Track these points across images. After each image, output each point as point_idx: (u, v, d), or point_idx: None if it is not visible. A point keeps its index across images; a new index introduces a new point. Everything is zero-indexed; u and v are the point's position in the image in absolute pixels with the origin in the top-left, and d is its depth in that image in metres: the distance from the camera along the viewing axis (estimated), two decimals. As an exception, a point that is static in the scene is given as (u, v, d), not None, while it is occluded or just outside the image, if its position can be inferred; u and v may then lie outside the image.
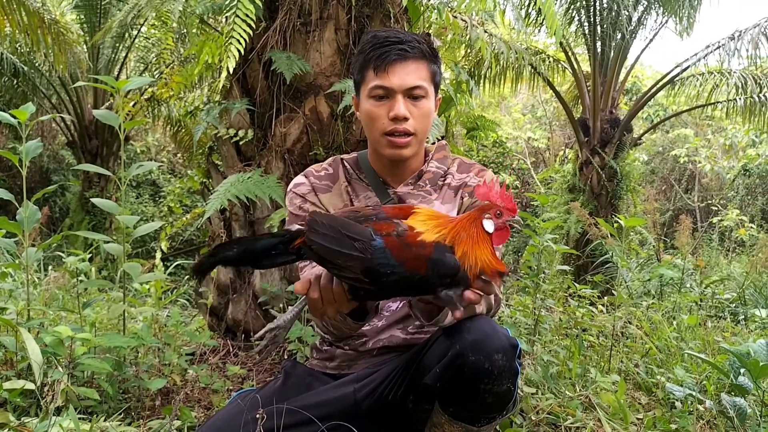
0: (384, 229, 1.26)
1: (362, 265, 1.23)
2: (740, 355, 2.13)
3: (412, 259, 1.23)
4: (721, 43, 7.78)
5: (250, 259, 1.33)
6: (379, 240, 1.24)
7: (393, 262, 1.23)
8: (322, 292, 1.35)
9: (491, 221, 1.26)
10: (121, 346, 2.21)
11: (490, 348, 1.40)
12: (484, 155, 13.21)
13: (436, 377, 1.45)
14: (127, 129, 2.41)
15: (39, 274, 4.65)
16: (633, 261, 5.38)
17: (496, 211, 1.27)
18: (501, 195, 1.27)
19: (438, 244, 1.25)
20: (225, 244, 1.33)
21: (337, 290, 1.33)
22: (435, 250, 1.24)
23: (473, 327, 1.43)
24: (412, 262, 1.23)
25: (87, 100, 9.44)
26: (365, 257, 1.22)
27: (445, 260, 1.24)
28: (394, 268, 1.23)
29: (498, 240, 1.28)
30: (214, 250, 1.33)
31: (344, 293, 1.33)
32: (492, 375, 1.40)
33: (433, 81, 1.67)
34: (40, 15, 6.96)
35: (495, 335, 1.42)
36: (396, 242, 1.24)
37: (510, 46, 6.47)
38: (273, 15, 3.20)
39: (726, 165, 13.80)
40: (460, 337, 1.42)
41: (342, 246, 1.23)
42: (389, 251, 1.23)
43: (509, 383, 1.44)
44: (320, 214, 1.29)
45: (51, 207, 10.64)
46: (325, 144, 3.12)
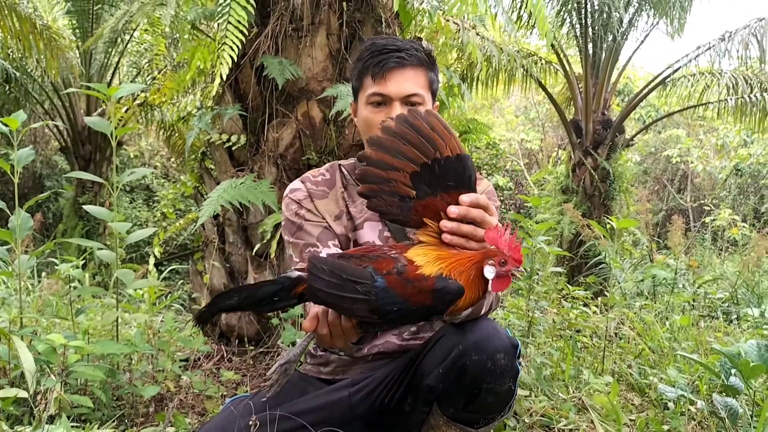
0: (384, 267, 1.27)
1: (368, 306, 1.24)
2: (731, 356, 2.15)
3: (415, 294, 1.25)
4: (711, 44, 7.83)
5: (251, 306, 1.36)
6: (381, 280, 1.24)
7: (398, 300, 1.24)
8: (331, 328, 1.36)
9: (493, 268, 1.26)
10: (114, 353, 2.21)
11: (492, 348, 1.42)
12: (478, 157, 13.24)
13: (438, 378, 1.46)
14: (119, 135, 2.41)
15: (32, 281, 4.64)
16: (626, 261, 5.40)
17: (501, 259, 1.27)
18: (509, 243, 1.27)
19: (438, 276, 1.26)
20: (225, 294, 1.34)
21: (345, 325, 1.35)
22: (437, 281, 1.26)
23: (475, 328, 1.46)
24: (416, 297, 1.25)
25: (80, 105, 9.42)
26: (370, 299, 1.23)
27: (448, 288, 1.26)
28: (400, 305, 1.24)
29: (497, 287, 1.28)
30: (214, 300, 1.34)
31: (353, 327, 1.35)
32: (494, 374, 1.42)
33: (430, 88, 1.68)
34: (32, 20, 6.95)
35: (497, 335, 1.45)
36: (398, 280, 1.25)
37: (502, 48, 6.50)
38: (265, 20, 3.21)
39: (718, 165, 13.86)
40: (463, 338, 1.44)
41: (345, 291, 1.24)
42: (392, 290, 1.24)
43: (510, 383, 1.47)
44: (319, 259, 1.28)
45: (44, 213, 10.60)
46: (318, 149, 3.12)
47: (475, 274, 1.28)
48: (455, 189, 1.31)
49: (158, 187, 12.44)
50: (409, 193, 1.31)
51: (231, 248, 3.29)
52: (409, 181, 1.30)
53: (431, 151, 1.29)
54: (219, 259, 3.28)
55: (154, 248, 3.79)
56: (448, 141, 1.30)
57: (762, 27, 7.32)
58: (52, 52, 7.17)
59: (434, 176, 1.30)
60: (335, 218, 1.71)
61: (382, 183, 1.31)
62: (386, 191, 1.31)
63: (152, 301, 3.15)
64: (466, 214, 1.30)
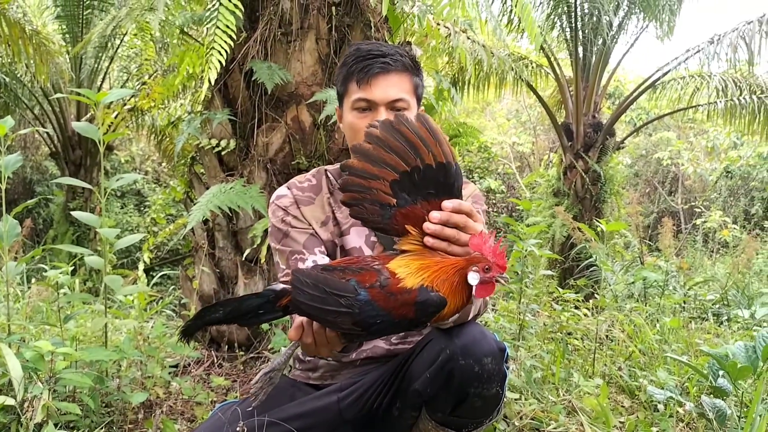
0: (367, 280, 1.27)
1: (352, 319, 1.24)
2: (719, 358, 2.16)
3: (398, 306, 1.25)
4: (700, 46, 7.87)
5: (236, 319, 1.34)
6: (364, 293, 1.24)
7: (381, 313, 1.24)
8: (316, 337, 1.36)
9: (477, 274, 1.26)
10: (102, 359, 2.19)
11: (480, 352, 1.43)
12: (470, 160, 13.26)
13: (426, 382, 1.46)
14: (107, 141, 2.40)
15: (22, 287, 4.61)
16: (617, 264, 5.42)
17: (485, 265, 1.27)
18: (493, 249, 1.27)
19: (421, 288, 1.26)
20: (211, 307, 1.33)
21: (330, 335, 1.35)
22: (419, 293, 1.26)
23: (463, 332, 1.46)
24: (399, 310, 1.25)
25: (70, 110, 9.38)
26: (353, 312, 1.23)
27: (431, 301, 1.26)
28: (383, 318, 1.24)
29: (481, 293, 1.28)
30: (200, 313, 1.33)
31: (337, 337, 1.34)
32: (482, 378, 1.42)
33: (415, 93, 1.69)
34: (21, 25, 6.91)
35: (484, 339, 1.45)
36: (381, 293, 1.25)
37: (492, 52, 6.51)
38: (254, 25, 3.21)
39: (708, 167, 13.94)
40: (450, 342, 1.44)
41: (329, 304, 1.24)
42: (375, 303, 1.24)
43: (498, 387, 1.47)
44: (302, 273, 1.28)
45: (34, 218, 10.54)
46: (308, 153, 3.12)
47: (459, 281, 1.27)
48: (436, 197, 1.31)
49: (149, 192, 12.40)
50: (389, 201, 1.31)
51: (221, 253, 3.28)
52: (389, 189, 1.30)
53: (412, 159, 1.29)
54: (209, 265, 3.27)
55: (144, 254, 3.77)
56: (433, 147, 1.29)
57: (750, 30, 7.37)
58: (42, 57, 7.13)
59: (414, 184, 1.30)
60: (321, 224, 1.71)
61: (363, 192, 1.31)
62: (368, 200, 1.31)
63: (142, 307, 3.13)
64: (448, 219, 1.30)
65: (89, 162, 9.45)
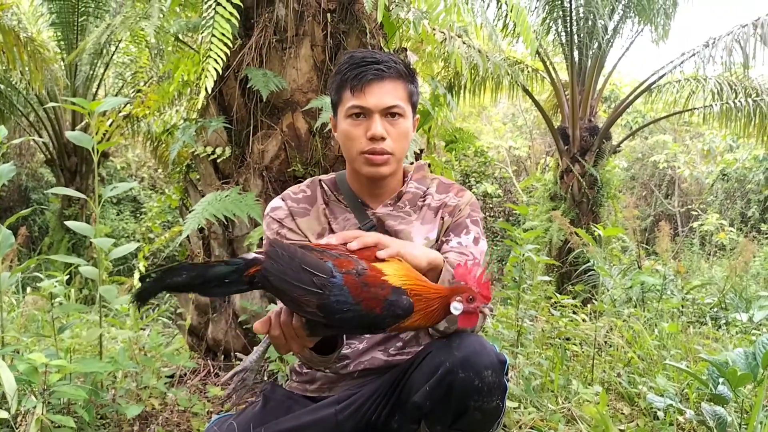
0: (344, 266, 1.25)
1: (318, 301, 1.22)
2: (719, 365, 2.14)
3: (369, 299, 1.23)
4: (696, 50, 7.90)
5: (200, 286, 1.28)
6: (339, 276, 1.23)
7: (350, 300, 1.22)
8: (283, 329, 1.33)
9: (461, 304, 1.26)
10: (97, 371, 2.17)
11: (480, 364, 1.40)
12: (466, 165, 13.27)
13: (425, 395, 1.44)
14: (102, 149, 2.39)
15: (17, 296, 4.58)
16: (615, 268, 5.41)
17: (469, 295, 1.27)
18: (478, 280, 1.27)
19: (395, 287, 1.25)
20: (173, 269, 1.27)
21: (296, 325, 1.32)
22: (392, 291, 1.25)
23: (462, 344, 1.43)
24: (369, 302, 1.23)
25: (65, 118, 9.36)
26: (322, 293, 1.21)
27: (401, 302, 1.25)
28: (350, 306, 1.22)
29: (464, 323, 1.28)
30: (161, 275, 1.27)
31: (302, 326, 1.31)
32: (482, 392, 1.40)
33: (410, 101, 1.67)
34: (16, 33, 6.90)
35: (484, 351, 1.42)
36: (355, 281, 1.23)
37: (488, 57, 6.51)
38: (249, 32, 3.19)
39: (705, 170, 13.97)
40: (450, 355, 1.42)
41: (301, 281, 1.22)
42: (347, 289, 1.22)
43: (498, 400, 1.44)
44: (279, 245, 1.26)
45: (30, 226, 10.50)
46: (304, 160, 3.11)
47: (438, 307, 1.27)
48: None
49: (145, 199, 12.38)
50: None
51: (217, 261, 3.25)
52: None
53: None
54: (205, 273, 3.25)
55: (140, 262, 3.75)
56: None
57: (745, 33, 7.40)
58: (37, 64, 7.12)
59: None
60: (317, 236, 1.69)
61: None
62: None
63: (137, 316, 3.11)
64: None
65: (85, 169, 9.43)
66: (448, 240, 1.69)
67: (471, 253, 1.67)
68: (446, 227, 1.71)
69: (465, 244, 1.68)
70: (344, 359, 1.70)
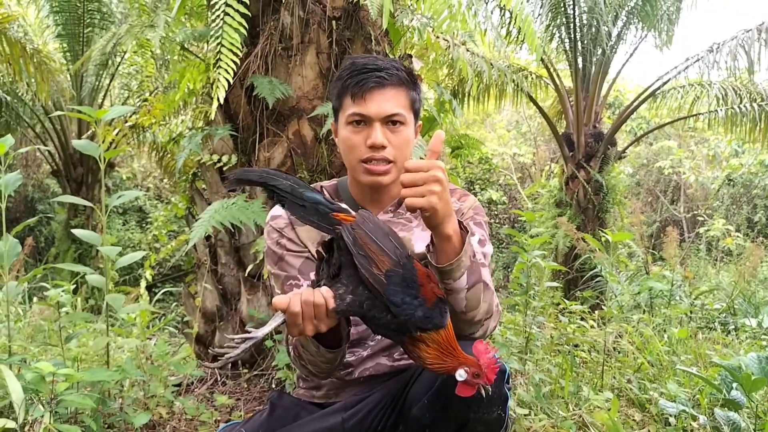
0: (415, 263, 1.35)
1: (391, 264, 1.29)
2: (732, 369, 2.12)
3: (429, 291, 1.31)
4: (700, 55, 7.88)
5: (292, 197, 1.32)
6: (410, 261, 1.33)
7: (415, 281, 1.30)
8: (304, 307, 1.31)
9: (466, 374, 1.30)
10: (104, 380, 2.16)
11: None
12: (471, 172, 13.26)
13: (424, 408, 1.42)
14: (108, 158, 2.39)
15: (24, 306, 4.58)
16: (622, 274, 5.38)
17: (476, 371, 1.30)
18: (490, 362, 1.31)
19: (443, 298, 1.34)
20: (281, 173, 1.34)
21: (318, 302, 1.31)
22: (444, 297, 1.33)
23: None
24: (426, 292, 1.30)
25: (71, 128, 9.40)
26: (398, 261, 1.30)
27: (444, 310, 1.32)
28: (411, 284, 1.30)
29: (461, 391, 1.32)
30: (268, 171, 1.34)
31: (325, 306, 1.31)
32: (481, 403, 1.37)
33: (412, 108, 1.65)
34: (22, 44, 6.94)
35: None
36: (424, 271, 1.34)
37: (492, 64, 6.52)
38: (254, 40, 3.20)
39: (710, 175, 13.92)
40: None
41: (384, 244, 1.31)
42: (417, 271, 1.31)
43: (499, 410, 1.42)
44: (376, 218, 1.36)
45: (36, 236, 10.53)
46: (310, 167, 3.10)
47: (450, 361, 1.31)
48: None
49: (151, 209, 12.40)
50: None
51: (223, 269, 3.25)
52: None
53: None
54: (211, 281, 3.24)
55: (146, 271, 3.75)
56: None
57: (749, 38, 7.38)
58: (43, 75, 7.15)
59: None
60: (317, 245, 1.68)
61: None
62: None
63: (144, 324, 3.10)
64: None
65: (91, 179, 9.45)
66: None
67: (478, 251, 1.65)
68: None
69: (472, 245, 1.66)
70: (348, 366, 1.68)
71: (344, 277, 1.32)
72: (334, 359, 1.50)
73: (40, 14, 8.64)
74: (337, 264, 1.34)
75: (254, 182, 1.35)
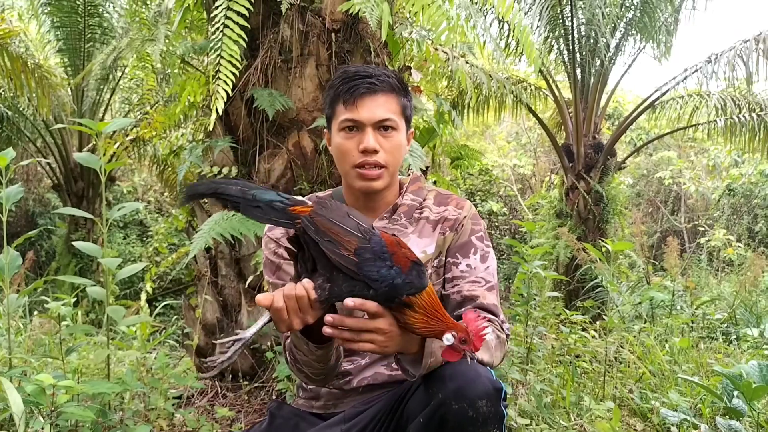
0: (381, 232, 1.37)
1: (358, 242, 1.30)
2: (733, 378, 2.11)
3: (400, 256, 1.32)
4: (698, 66, 7.91)
5: (245, 202, 1.33)
6: (377, 233, 1.34)
7: (385, 251, 1.30)
8: (287, 301, 1.32)
9: (453, 339, 1.31)
10: (105, 392, 2.16)
11: (474, 394, 1.36)
12: (471, 183, 13.28)
13: (419, 428, 1.41)
14: (109, 170, 2.40)
15: (24, 320, 4.58)
16: (623, 284, 5.38)
17: (463, 337, 1.31)
18: (479, 330, 1.32)
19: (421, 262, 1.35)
20: (229, 180, 1.36)
21: (299, 293, 1.31)
22: (418, 260, 1.34)
23: (455, 373, 1.39)
24: (399, 258, 1.31)
25: (72, 143, 9.43)
26: (363, 237, 1.31)
27: (423, 272, 1.33)
28: (383, 255, 1.30)
29: (446, 355, 1.34)
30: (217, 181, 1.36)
31: (308, 297, 1.31)
32: (477, 423, 1.36)
33: (403, 114, 1.67)
34: (24, 60, 6.98)
35: (478, 380, 1.38)
36: (392, 239, 1.35)
37: (491, 76, 6.55)
38: (254, 53, 3.22)
39: (710, 185, 13.93)
40: (442, 385, 1.38)
41: (345, 224, 1.32)
42: (384, 242, 1.32)
43: (495, 429, 1.39)
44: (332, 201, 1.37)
45: (37, 251, 10.52)
46: (310, 179, 3.11)
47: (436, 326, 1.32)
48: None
49: (152, 223, 12.41)
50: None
51: (224, 281, 3.25)
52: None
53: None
54: (212, 293, 3.24)
55: (146, 284, 3.75)
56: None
57: (747, 48, 7.41)
58: (44, 90, 7.19)
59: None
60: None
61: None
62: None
63: (145, 337, 3.10)
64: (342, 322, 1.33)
65: (91, 193, 9.47)
66: (457, 263, 1.68)
67: (482, 278, 1.66)
68: (449, 245, 1.70)
69: (474, 266, 1.67)
70: (346, 375, 1.68)
71: (320, 267, 1.33)
72: (326, 357, 1.50)
73: (41, 29, 8.70)
74: (310, 257, 1.35)
75: (205, 195, 1.37)
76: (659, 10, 7.87)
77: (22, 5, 10.13)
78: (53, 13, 8.23)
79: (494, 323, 1.60)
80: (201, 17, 3.67)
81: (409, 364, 1.43)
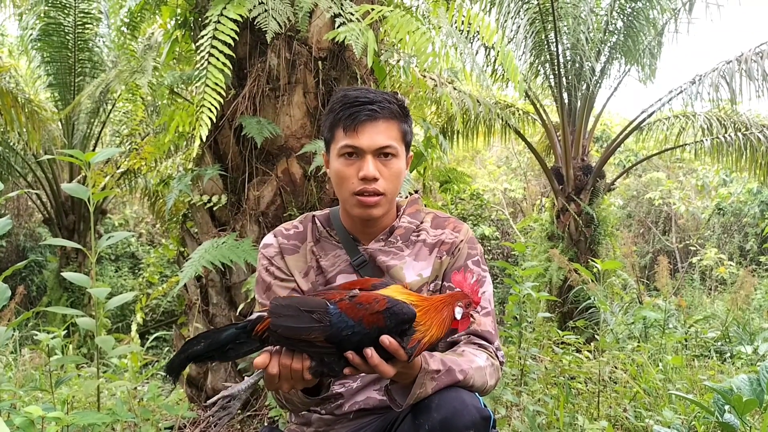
0: (336, 296, 1.35)
1: (324, 333, 1.30)
2: (723, 392, 2.12)
3: (367, 315, 1.31)
4: (683, 87, 8.02)
5: (217, 351, 1.37)
6: (333, 306, 1.32)
7: (351, 323, 1.30)
8: (281, 369, 1.34)
9: (461, 309, 1.35)
10: (95, 423, 2.14)
11: (460, 424, 1.36)
12: (463, 208, 13.31)
13: None
14: (97, 200, 2.40)
15: (15, 355, 4.53)
16: (616, 305, 5.38)
17: (467, 301, 1.36)
18: (472, 287, 1.35)
19: (391, 299, 1.33)
20: (192, 340, 1.37)
21: (295, 367, 1.33)
22: (388, 302, 1.32)
23: (441, 403, 1.39)
24: (368, 318, 1.30)
25: (62, 176, 9.43)
26: (324, 325, 1.30)
27: (401, 308, 1.32)
28: (353, 328, 1.30)
29: (463, 326, 1.37)
30: (182, 348, 1.37)
31: (302, 371, 1.34)
32: None
33: (403, 140, 1.65)
34: (14, 95, 7.02)
35: (465, 410, 1.38)
36: (349, 305, 1.32)
37: (479, 101, 6.63)
38: (242, 82, 3.26)
39: (700, 205, 14.02)
40: (428, 416, 1.38)
41: (302, 321, 1.31)
42: (345, 314, 1.31)
43: None
44: (280, 299, 1.37)
45: (28, 285, 10.45)
46: (299, 205, 3.13)
47: (447, 314, 1.34)
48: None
49: (144, 255, 12.36)
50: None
51: (215, 309, 3.24)
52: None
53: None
54: (202, 322, 3.23)
55: (137, 314, 3.73)
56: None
57: (730, 69, 7.53)
58: (34, 124, 7.22)
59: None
60: (303, 275, 1.68)
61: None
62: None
63: (136, 369, 3.08)
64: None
65: (82, 227, 9.45)
66: (452, 288, 1.67)
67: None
68: (445, 268, 1.69)
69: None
70: (338, 398, 1.66)
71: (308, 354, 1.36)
72: (309, 404, 1.51)
73: (31, 65, 8.75)
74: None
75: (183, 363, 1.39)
76: (642, 34, 8.01)
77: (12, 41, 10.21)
78: (43, 49, 8.28)
79: (488, 350, 1.60)
80: (189, 48, 3.72)
81: (398, 392, 1.43)
